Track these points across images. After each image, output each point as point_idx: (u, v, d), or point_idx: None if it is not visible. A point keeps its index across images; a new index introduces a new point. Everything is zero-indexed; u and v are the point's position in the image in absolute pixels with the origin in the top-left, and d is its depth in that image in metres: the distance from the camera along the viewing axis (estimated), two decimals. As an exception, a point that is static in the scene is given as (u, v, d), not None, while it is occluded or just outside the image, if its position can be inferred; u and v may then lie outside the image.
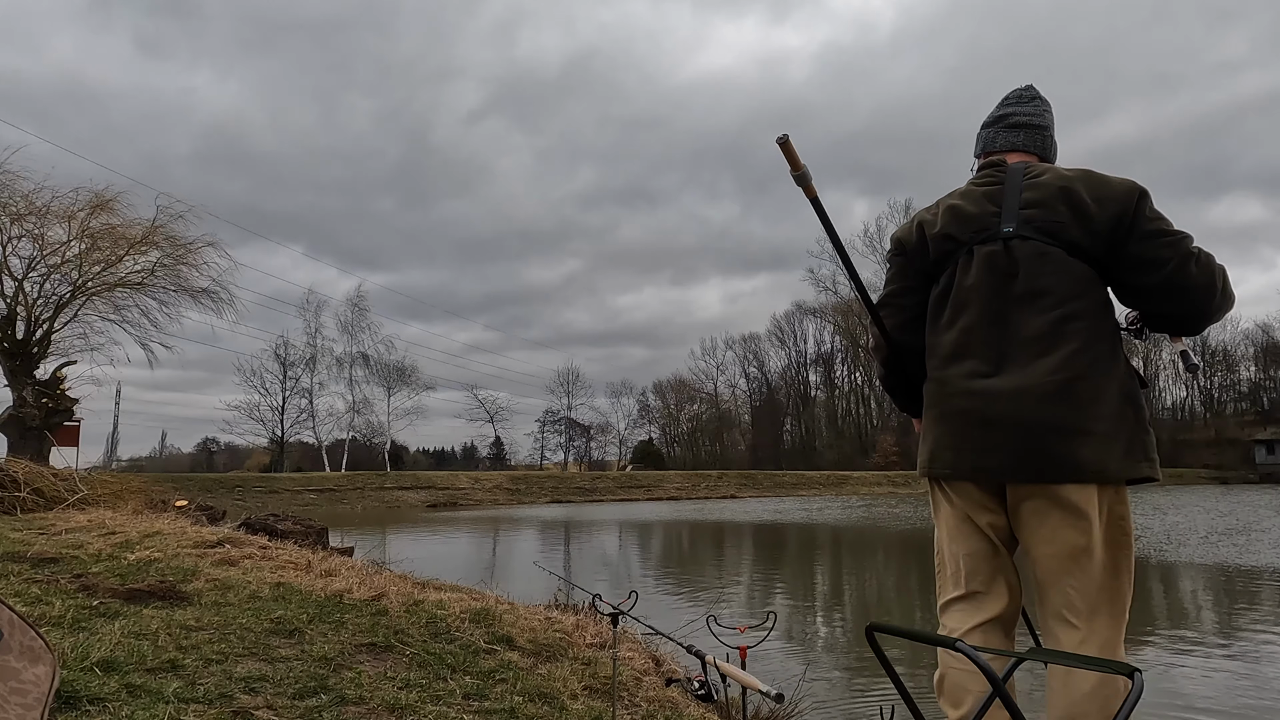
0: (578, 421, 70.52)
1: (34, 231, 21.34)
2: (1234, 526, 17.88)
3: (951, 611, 1.98)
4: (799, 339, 74.99)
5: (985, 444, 1.84)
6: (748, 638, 3.06)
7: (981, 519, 1.92)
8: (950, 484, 1.96)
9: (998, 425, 1.82)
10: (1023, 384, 1.81)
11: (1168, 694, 5.10)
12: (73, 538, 6.17)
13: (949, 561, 2.00)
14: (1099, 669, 1.45)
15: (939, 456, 1.94)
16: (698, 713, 3.26)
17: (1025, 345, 1.84)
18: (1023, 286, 1.88)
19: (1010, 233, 1.91)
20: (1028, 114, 2.12)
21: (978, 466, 1.86)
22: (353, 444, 51.11)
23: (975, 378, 1.88)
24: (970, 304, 1.93)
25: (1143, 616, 7.85)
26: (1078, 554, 1.80)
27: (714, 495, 43.72)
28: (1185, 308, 1.86)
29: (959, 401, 1.90)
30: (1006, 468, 1.82)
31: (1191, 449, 61.87)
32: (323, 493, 35.93)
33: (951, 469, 1.92)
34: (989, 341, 1.89)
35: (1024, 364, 1.83)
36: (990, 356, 1.88)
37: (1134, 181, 1.89)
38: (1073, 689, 1.74)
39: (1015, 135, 2.10)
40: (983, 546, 1.93)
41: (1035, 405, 1.79)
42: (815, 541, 18.06)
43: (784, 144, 1.88)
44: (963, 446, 1.88)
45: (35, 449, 17.71)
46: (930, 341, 2.03)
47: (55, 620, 3.19)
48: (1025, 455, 1.79)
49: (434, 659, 3.27)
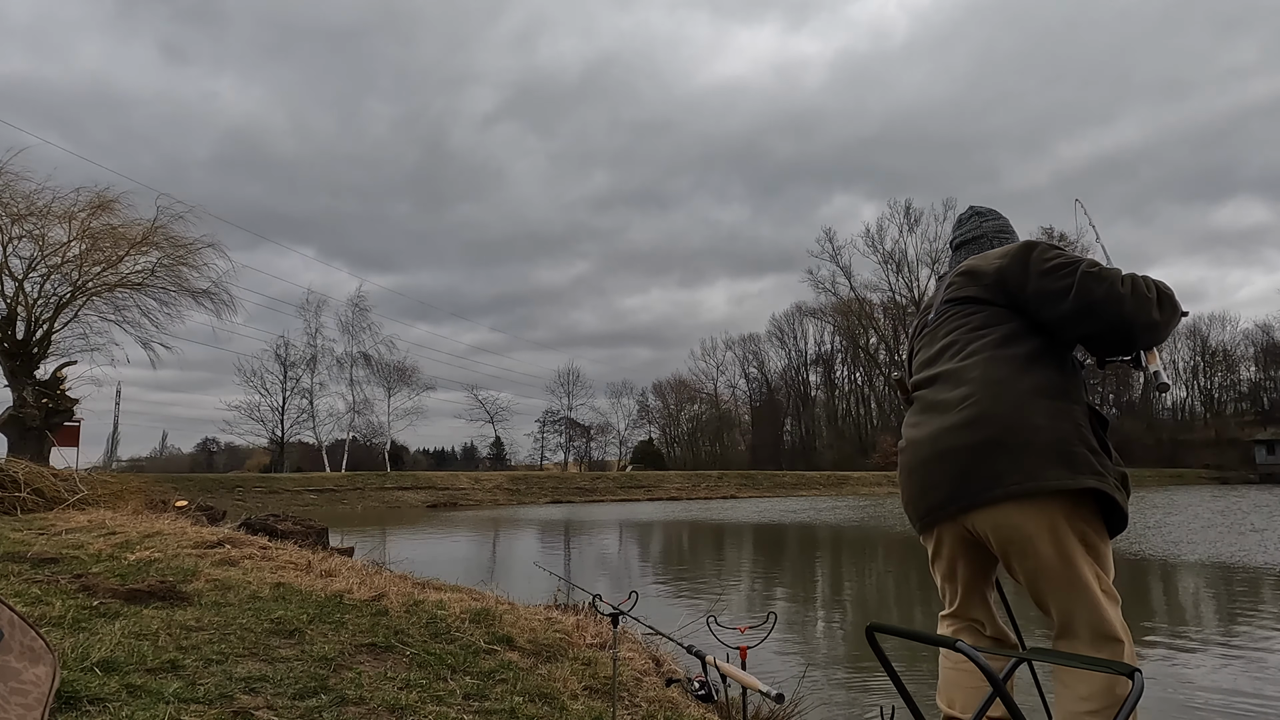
0: (578, 422, 70.58)
1: (34, 232, 21.34)
2: (1234, 527, 17.87)
3: (941, 624, 2.22)
4: (799, 339, 75.08)
5: (920, 488, 2.06)
6: (748, 638, 3.06)
7: (954, 557, 2.11)
8: (925, 535, 2.16)
9: (922, 468, 2.04)
10: (938, 423, 2.01)
11: (1169, 693, 5.10)
12: (73, 538, 6.17)
13: (936, 581, 2.22)
14: (1099, 669, 1.46)
15: (907, 512, 2.16)
16: (698, 713, 3.26)
17: (943, 387, 2.07)
18: (938, 344, 2.18)
19: (931, 318, 2.30)
20: (964, 232, 2.50)
21: (922, 513, 2.07)
22: (353, 444, 51.09)
23: (909, 430, 2.14)
24: (916, 369, 2.28)
25: (1144, 616, 7.85)
26: (1041, 571, 1.86)
27: (714, 495, 43.70)
28: (1103, 324, 1.93)
29: (904, 459, 2.14)
30: (941, 503, 1.99)
31: (1191, 449, 61.88)
32: (323, 493, 35.92)
33: (912, 521, 2.13)
34: (919, 399, 2.18)
35: (939, 406, 2.04)
36: (917, 409, 2.16)
37: (1021, 242, 2.19)
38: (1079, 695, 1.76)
39: (960, 255, 2.47)
40: (961, 573, 2.12)
41: (946, 437, 1.97)
42: (815, 541, 18.06)
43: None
44: (908, 499, 2.13)
45: (35, 449, 17.71)
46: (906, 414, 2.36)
47: (55, 620, 3.19)
48: (951, 486, 1.95)
49: (434, 659, 3.27)
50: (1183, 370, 70.31)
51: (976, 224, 2.48)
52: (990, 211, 2.50)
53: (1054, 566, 1.83)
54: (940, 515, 1.98)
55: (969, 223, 2.50)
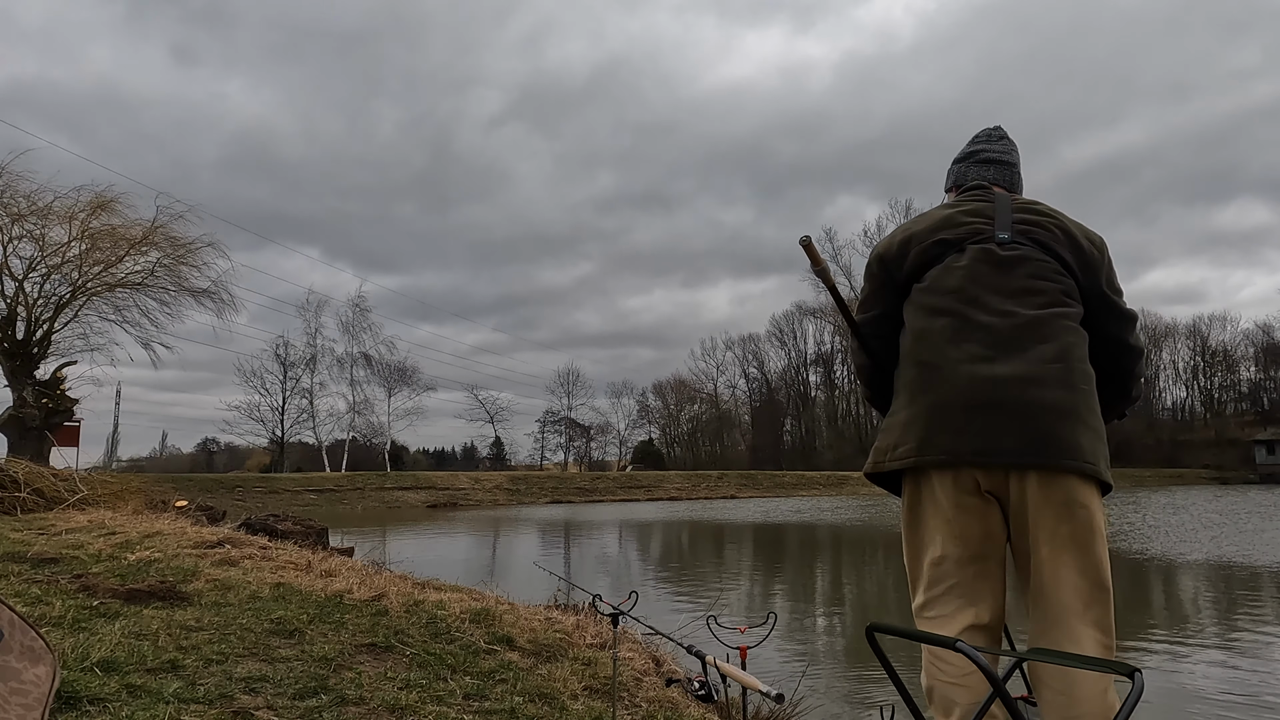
0: (578, 422, 70.58)
1: (35, 232, 21.37)
2: (1235, 526, 17.87)
3: (928, 620, 1.88)
4: (799, 339, 75.07)
5: (992, 426, 1.77)
6: (748, 638, 3.06)
7: (973, 515, 1.83)
8: (939, 479, 1.85)
9: (1004, 408, 1.77)
10: (1027, 369, 1.79)
11: (1168, 693, 5.10)
12: (73, 538, 6.17)
13: (927, 567, 1.89)
14: (1099, 669, 1.45)
15: (934, 442, 1.82)
16: (698, 713, 3.26)
17: (1023, 332, 1.84)
18: (1018, 283, 1.90)
19: (1006, 239, 1.96)
20: (996, 151, 2.22)
21: (983, 449, 1.77)
22: (353, 444, 51.10)
23: (976, 362, 1.83)
24: (965, 292, 1.92)
25: (1144, 616, 7.85)
26: (1082, 546, 1.77)
27: (714, 495, 43.71)
28: (1126, 365, 2.04)
29: (961, 384, 1.83)
30: (1015, 450, 1.75)
31: (1191, 449, 61.89)
32: (323, 493, 35.92)
33: (949, 454, 1.80)
34: (987, 327, 1.86)
35: (1024, 350, 1.82)
36: (989, 341, 1.84)
37: (1101, 237, 2.06)
38: (1081, 695, 1.70)
39: (986, 170, 2.19)
40: (970, 549, 1.85)
41: (1040, 389, 1.78)
42: (815, 541, 18.06)
43: (806, 245, 1.93)
44: (967, 430, 1.79)
45: (35, 449, 17.73)
46: (918, 328, 1.97)
47: (55, 620, 3.19)
48: (1034, 439, 1.75)
49: (434, 659, 3.27)
50: (1183, 370, 70.46)
51: (1009, 149, 2.25)
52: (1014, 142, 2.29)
53: (1089, 536, 1.77)
54: (1003, 460, 1.76)
55: (1001, 143, 2.25)
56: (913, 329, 1.99)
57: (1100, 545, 1.80)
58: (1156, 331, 69.20)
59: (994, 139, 2.25)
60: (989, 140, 2.25)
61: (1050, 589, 1.78)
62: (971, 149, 2.26)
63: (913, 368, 1.95)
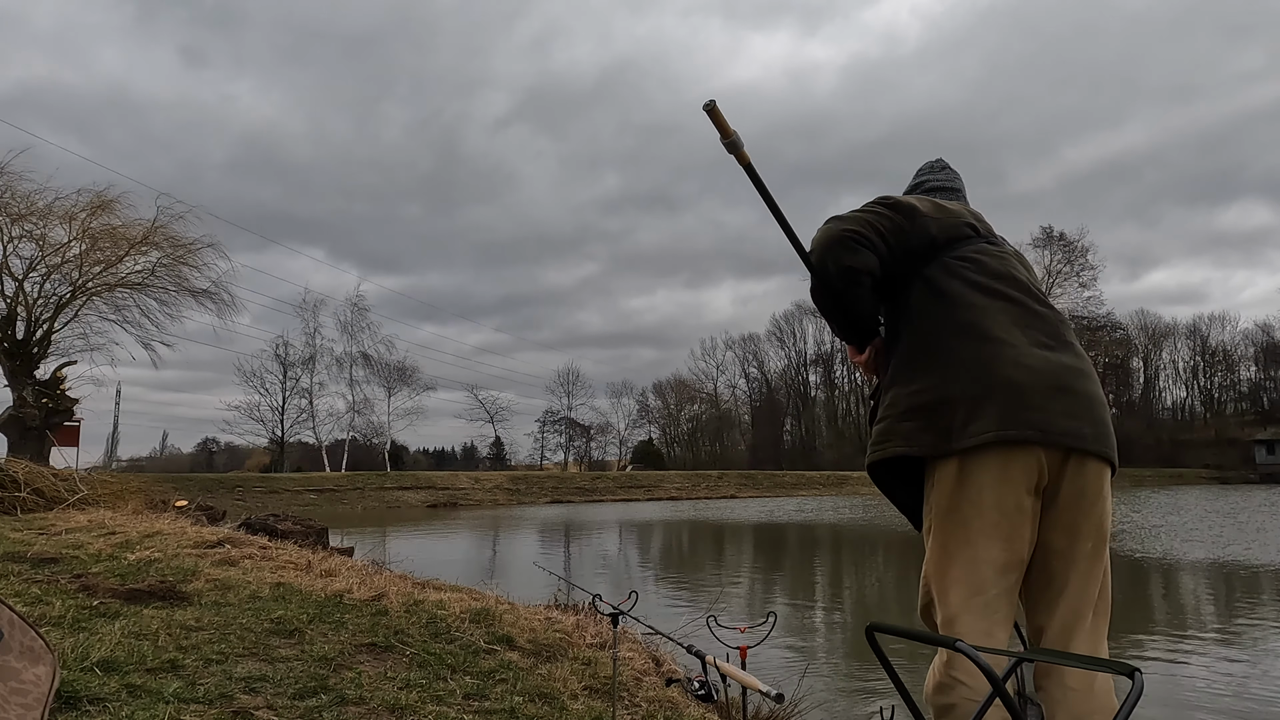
0: (578, 422, 70.57)
1: (35, 232, 21.36)
2: (1235, 526, 17.87)
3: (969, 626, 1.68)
4: (799, 339, 75.08)
5: (1071, 409, 1.71)
6: (748, 638, 3.06)
7: (1027, 516, 1.70)
8: (1003, 460, 1.68)
9: (1078, 395, 1.75)
10: (1079, 363, 1.83)
11: (1169, 693, 5.10)
12: (73, 538, 6.17)
13: (966, 562, 1.70)
14: (1100, 669, 1.45)
15: (1016, 417, 1.67)
16: (698, 713, 3.26)
17: (1064, 329, 1.88)
18: (1034, 282, 1.96)
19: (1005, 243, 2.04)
20: (941, 179, 2.24)
21: (1066, 430, 1.68)
22: (353, 444, 51.10)
23: (1044, 348, 1.79)
24: (1014, 278, 1.91)
25: (1144, 615, 7.85)
26: (1104, 540, 1.77)
27: (714, 495, 43.70)
28: None
29: (1039, 367, 1.74)
30: (1088, 435, 1.71)
31: (1191, 449, 61.88)
32: (323, 493, 35.91)
33: (1038, 430, 1.67)
34: (1043, 317, 1.87)
35: (1070, 345, 1.85)
36: (1047, 331, 1.83)
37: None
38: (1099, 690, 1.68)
39: (950, 199, 2.18)
40: (1022, 547, 1.71)
41: (1094, 384, 1.81)
42: (815, 541, 18.06)
43: (711, 110, 1.75)
44: (1050, 409, 1.68)
45: (35, 449, 17.71)
46: (969, 301, 1.84)
47: (55, 620, 3.19)
48: (1100, 429, 1.74)
49: (434, 659, 3.27)
50: (1183, 370, 70.46)
51: (952, 177, 2.27)
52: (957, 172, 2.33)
53: (1105, 530, 1.77)
54: (1079, 444, 1.69)
55: (944, 172, 2.28)
56: (960, 301, 1.84)
57: (1106, 546, 1.81)
58: (1156, 331, 69.30)
59: (937, 169, 2.28)
60: (932, 171, 2.27)
61: (1081, 584, 1.73)
62: (919, 180, 2.28)
63: (972, 341, 1.78)
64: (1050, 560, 1.74)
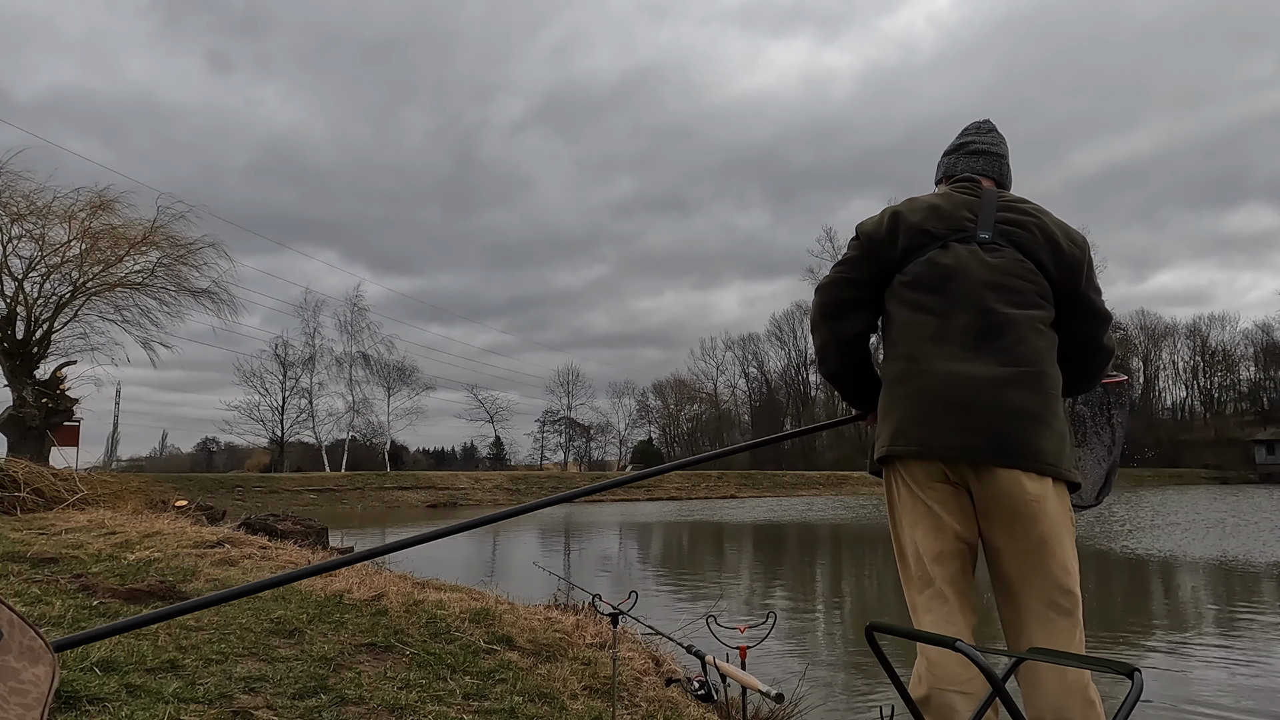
0: (578, 422, 70.56)
1: (35, 232, 21.36)
2: (1235, 526, 17.87)
3: (924, 618, 1.86)
4: (799, 339, 75.01)
5: (962, 424, 1.82)
6: (748, 638, 3.06)
7: (948, 509, 1.86)
8: (911, 468, 1.89)
9: (975, 408, 1.83)
10: (999, 371, 1.85)
11: (1169, 692, 5.09)
12: (73, 538, 6.17)
13: (912, 559, 1.90)
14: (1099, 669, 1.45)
15: (906, 433, 1.89)
16: (698, 713, 3.26)
17: (998, 333, 1.89)
18: (996, 283, 1.94)
19: (987, 239, 1.99)
20: (985, 143, 2.25)
21: (951, 444, 1.82)
22: (353, 444, 51.11)
23: (954, 360, 1.88)
24: (947, 290, 1.96)
25: (1144, 615, 7.85)
26: (1045, 544, 1.80)
27: (714, 495, 43.72)
28: (1094, 364, 2.11)
29: (937, 380, 1.89)
30: (981, 448, 1.81)
31: (1191, 449, 61.85)
32: (323, 493, 35.91)
33: (920, 445, 1.86)
34: (966, 327, 1.91)
35: (999, 351, 1.87)
36: (967, 342, 1.90)
37: (1084, 237, 2.08)
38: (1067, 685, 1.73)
39: (976, 161, 2.21)
40: (949, 536, 1.86)
41: (1012, 391, 1.83)
42: (815, 541, 18.06)
43: None
44: (938, 424, 1.84)
45: (35, 449, 17.72)
46: (901, 320, 2.01)
47: (55, 620, 3.19)
48: (1002, 439, 1.80)
49: (434, 659, 3.27)
50: (1183, 370, 70.43)
51: (997, 141, 2.26)
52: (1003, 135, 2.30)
53: (1052, 535, 1.80)
54: (968, 457, 1.81)
55: (990, 135, 2.26)
56: (897, 321, 2.03)
57: (1064, 544, 1.83)
58: (1156, 331, 69.23)
59: (983, 130, 2.28)
60: (978, 132, 2.28)
61: (1025, 579, 1.83)
62: (961, 140, 2.27)
63: (896, 361, 2.00)
64: (995, 558, 1.88)
